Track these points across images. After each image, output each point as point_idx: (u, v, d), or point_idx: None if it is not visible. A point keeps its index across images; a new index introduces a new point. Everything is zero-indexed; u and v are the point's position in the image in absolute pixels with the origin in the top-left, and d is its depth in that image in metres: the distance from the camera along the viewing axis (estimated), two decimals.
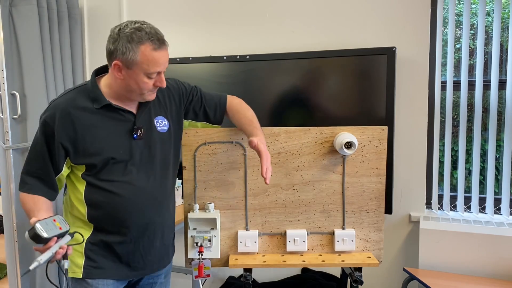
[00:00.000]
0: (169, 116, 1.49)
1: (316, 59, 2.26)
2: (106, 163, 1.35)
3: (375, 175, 1.64)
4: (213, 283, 2.66)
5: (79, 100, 1.35)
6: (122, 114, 1.37)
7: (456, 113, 2.32)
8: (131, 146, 1.38)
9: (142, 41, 1.26)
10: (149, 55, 1.27)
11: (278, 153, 1.63)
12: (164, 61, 1.31)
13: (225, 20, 2.51)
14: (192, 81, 2.44)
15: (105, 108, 1.35)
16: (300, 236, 1.64)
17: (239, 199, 1.64)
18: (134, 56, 1.26)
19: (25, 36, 2.28)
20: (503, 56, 2.23)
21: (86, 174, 1.37)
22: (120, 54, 1.26)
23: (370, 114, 2.20)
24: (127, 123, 1.38)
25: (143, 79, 1.30)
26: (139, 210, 1.40)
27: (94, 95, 1.35)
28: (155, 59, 1.28)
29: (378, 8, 2.25)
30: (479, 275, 2.10)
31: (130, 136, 1.38)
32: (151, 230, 1.44)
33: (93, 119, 1.34)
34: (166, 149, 1.47)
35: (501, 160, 2.29)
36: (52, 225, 1.16)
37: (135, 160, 1.39)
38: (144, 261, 1.45)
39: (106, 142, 1.34)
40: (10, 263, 2.33)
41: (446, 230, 2.13)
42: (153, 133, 1.42)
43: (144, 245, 1.44)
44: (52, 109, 1.34)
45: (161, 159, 1.45)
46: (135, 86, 1.31)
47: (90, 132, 1.33)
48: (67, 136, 1.32)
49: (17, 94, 2.25)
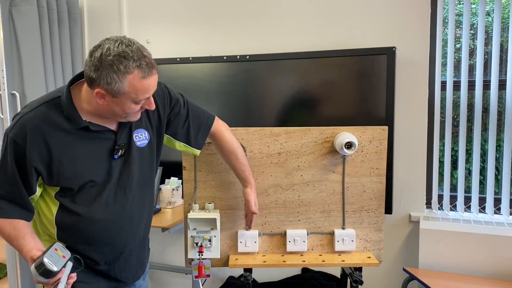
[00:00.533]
0: (149, 127, 1.34)
1: (316, 59, 2.26)
2: (83, 187, 1.23)
3: (375, 175, 1.64)
4: (213, 283, 2.66)
5: (52, 116, 1.18)
6: (102, 133, 1.24)
7: (456, 113, 2.32)
8: (111, 166, 1.26)
9: (129, 71, 1.09)
10: (137, 84, 1.11)
11: (278, 153, 1.63)
12: (153, 86, 1.17)
13: (225, 20, 2.51)
14: (192, 81, 2.45)
15: (83, 129, 1.20)
16: (300, 236, 1.64)
17: (239, 199, 1.64)
18: (121, 86, 1.10)
19: (25, 36, 2.28)
20: (503, 56, 2.23)
21: (60, 195, 1.24)
22: (104, 84, 1.10)
23: (370, 114, 2.20)
24: (107, 141, 1.25)
25: (130, 106, 1.16)
26: (115, 234, 1.31)
27: (68, 114, 1.18)
28: (144, 87, 1.13)
29: (378, 8, 2.25)
30: (479, 275, 2.10)
31: (110, 156, 1.25)
32: (127, 252, 1.37)
33: (69, 139, 1.19)
34: (146, 165, 1.35)
35: (501, 160, 2.29)
36: (56, 256, 1.11)
37: (114, 180, 1.27)
38: (119, 279, 1.39)
39: (84, 164, 1.21)
40: (10, 263, 2.33)
41: (446, 230, 2.13)
42: (132, 150, 1.29)
43: (119, 265, 1.37)
44: (20, 127, 1.16)
45: (140, 177, 1.34)
46: (120, 111, 1.17)
47: (66, 153, 1.19)
48: (41, 158, 1.17)
49: (17, 94, 2.25)
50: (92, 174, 1.23)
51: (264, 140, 1.62)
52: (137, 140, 1.31)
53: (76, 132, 1.20)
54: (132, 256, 1.40)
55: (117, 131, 1.26)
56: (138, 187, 1.34)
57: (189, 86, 2.50)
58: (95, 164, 1.23)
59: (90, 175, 1.23)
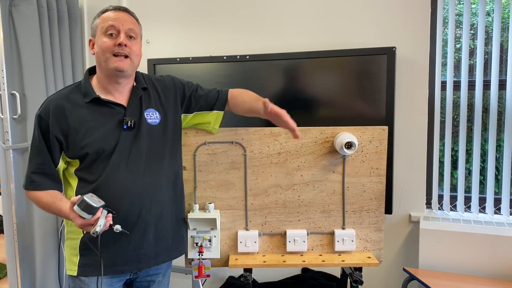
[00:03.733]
0: (162, 110, 1.50)
1: (316, 59, 2.26)
2: (97, 156, 1.37)
3: (375, 175, 1.64)
4: (213, 283, 2.66)
5: (72, 95, 1.41)
6: (112, 107, 1.41)
7: (456, 113, 2.32)
8: (121, 137, 1.39)
9: (103, 10, 1.41)
10: (105, 15, 1.39)
11: (278, 153, 1.63)
12: (119, 18, 1.37)
13: (225, 20, 2.51)
14: (192, 81, 2.45)
15: (95, 102, 1.39)
16: (300, 236, 1.64)
17: (239, 199, 1.64)
18: (96, 21, 1.40)
19: (25, 36, 2.28)
20: (503, 56, 2.23)
21: (78, 170, 1.40)
22: (91, 31, 1.42)
23: (370, 114, 2.20)
24: (118, 115, 1.41)
25: (103, 40, 1.36)
26: (128, 203, 1.40)
27: (85, 90, 1.41)
28: (110, 16, 1.37)
29: (378, 8, 2.25)
30: (479, 275, 2.10)
31: (120, 127, 1.40)
32: (141, 223, 1.43)
33: (84, 113, 1.38)
34: (156, 142, 1.47)
35: (501, 160, 2.29)
36: (93, 199, 1.25)
37: (125, 151, 1.40)
38: (138, 255, 1.44)
39: (96, 134, 1.37)
40: (10, 263, 2.33)
41: (446, 230, 2.13)
42: (142, 125, 1.43)
43: (135, 238, 1.43)
44: (46, 104, 1.39)
45: (151, 151, 1.45)
46: (100, 53, 1.37)
47: (82, 125, 1.37)
48: (60, 129, 1.36)
49: (17, 94, 2.25)
50: (104, 142, 1.37)
51: (264, 140, 1.62)
52: (148, 118, 1.46)
53: (89, 106, 1.39)
54: (148, 230, 1.45)
55: (126, 106, 1.43)
56: (151, 160, 1.45)
57: None
58: (107, 135, 1.38)
59: (102, 143, 1.37)
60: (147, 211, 1.44)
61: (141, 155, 1.42)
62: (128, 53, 1.37)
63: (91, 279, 1.41)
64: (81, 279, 1.41)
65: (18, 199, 2.30)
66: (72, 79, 2.64)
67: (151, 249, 1.47)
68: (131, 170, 1.41)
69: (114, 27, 1.36)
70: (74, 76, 2.67)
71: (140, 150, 1.42)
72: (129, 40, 1.38)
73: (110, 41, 1.36)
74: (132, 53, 1.38)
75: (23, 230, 2.33)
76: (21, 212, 2.32)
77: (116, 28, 1.36)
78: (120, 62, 1.37)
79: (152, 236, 1.47)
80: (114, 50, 1.36)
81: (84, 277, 1.41)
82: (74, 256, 1.43)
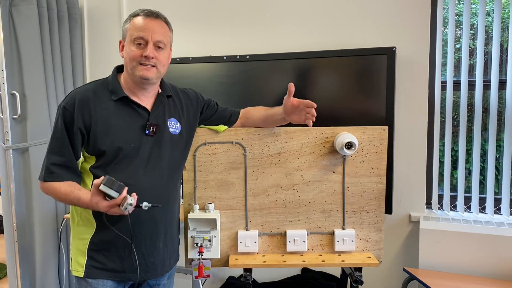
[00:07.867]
0: (183, 121, 1.50)
1: (316, 59, 2.26)
2: (115, 155, 1.35)
3: (375, 175, 1.64)
4: (213, 283, 2.66)
5: (98, 90, 1.39)
6: (137, 110, 1.40)
7: (456, 113, 2.32)
8: (142, 141, 1.39)
9: (135, 14, 1.38)
10: (136, 21, 1.36)
11: (278, 153, 1.63)
12: (149, 28, 1.35)
13: (225, 20, 2.51)
14: (192, 81, 2.45)
15: (122, 101, 1.39)
16: (300, 236, 1.64)
17: (239, 199, 1.64)
18: (127, 25, 1.38)
19: (25, 36, 2.28)
20: (503, 56, 2.23)
21: (94, 167, 1.38)
22: (122, 32, 1.41)
23: (370, 114, 2.20)
24: (141, 118, 1.40)
25: (131, 48, 1.35)
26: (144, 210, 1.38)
27: (113, 87, 1.40)
28: (140, 24, 1.35)
29: (378, 8, 2.25)
30: (479, 275, 2.10)
31: (142, 132, 1.39)
32: (153, 230, 1.44)
33: (109, 109, 1.37)
34: (175, 151, 1.47)
35: (501, 160, 2.29)
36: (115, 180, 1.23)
37: (144, 156, 1.39)
38: (146, 263, 1.44)
39: (117, 133, 1.36)
40: (10, 263, 2.33)
41: (446, 230, 2.13)
42: (164, 133, 1.43)
43: (146, 245, 1.43)
44: (71, 96, 1.37)
45: (169, 160, 1.45)
46: (127, 59, 1.37)
47: (104, 121, 1.35)
48: (83, 122, 1.34)
49: (17, 94, 2.25)
50: (123, 143, 1.36)
51: (264, 140, 1.62)
52: (171, 127, 1.46)
53: (115, 103, 1.38)
54: (159, 238, 1.46)
55: (150, 111, 1.43)
56: (168, 169, 1.45)
57: (189, 86, 2.47)
58: (127, 135, 1.37)
59: (122, 143, 1.35)
60: (160, 219, 1.45)
61: (160, 162, 1.42)
62: (155, 63, 1.37)
63: (98, 281, 1.40)
64: (87, 280, 1.40)
65: (18, 199, 2.30)
66: (72, 79, 2.64)
67: (159, 257, 1.47)
68: (150, 176, 1.40)
69: (142, 38, 1.34)
70: (74, 76, 2.67)
71: (159, 157, 1.42)
72: (157, 50, 1.37)
73: (138, 51, 1.35)
74: (158, 63, 1.37)
75: (23, 230, 2.33)
76: (21, 212, 2.32)
77: (145, 39, 1.34)
78: (147, 71, 1.36)
79: (161, 244, 1.48)
80: (141, 60, 1.35)
81: (91, 279, 1.40)
82: (81, 256, 1.41)
